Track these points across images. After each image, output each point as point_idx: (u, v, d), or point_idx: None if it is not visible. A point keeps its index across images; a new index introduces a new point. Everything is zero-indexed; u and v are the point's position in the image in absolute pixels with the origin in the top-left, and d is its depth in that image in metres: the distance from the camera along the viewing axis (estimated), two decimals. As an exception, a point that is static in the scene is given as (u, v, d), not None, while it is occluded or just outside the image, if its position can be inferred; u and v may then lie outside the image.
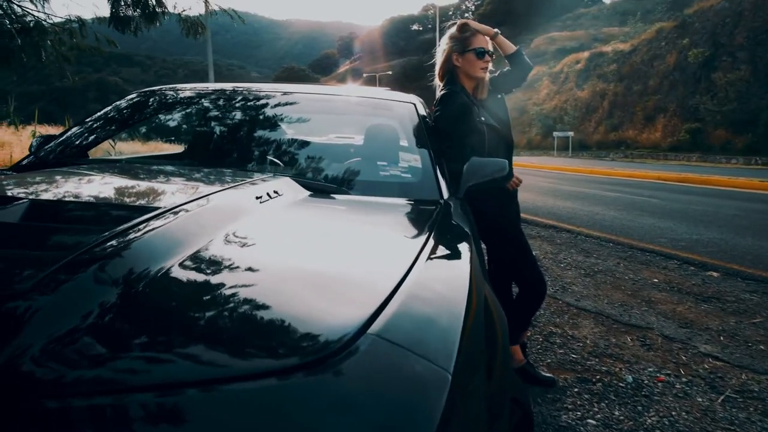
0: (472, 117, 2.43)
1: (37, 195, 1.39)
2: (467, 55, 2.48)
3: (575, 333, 3.52)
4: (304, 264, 1.06)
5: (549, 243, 6.32)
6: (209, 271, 0.95)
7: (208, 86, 2.59)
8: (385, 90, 2.98)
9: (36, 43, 6.16)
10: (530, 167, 20.96)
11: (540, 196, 10.85)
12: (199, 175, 1.74)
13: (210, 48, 19.89)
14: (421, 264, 1.06)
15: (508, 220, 2.58)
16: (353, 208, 1.64)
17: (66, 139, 2.29)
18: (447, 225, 1.56)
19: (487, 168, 2.12)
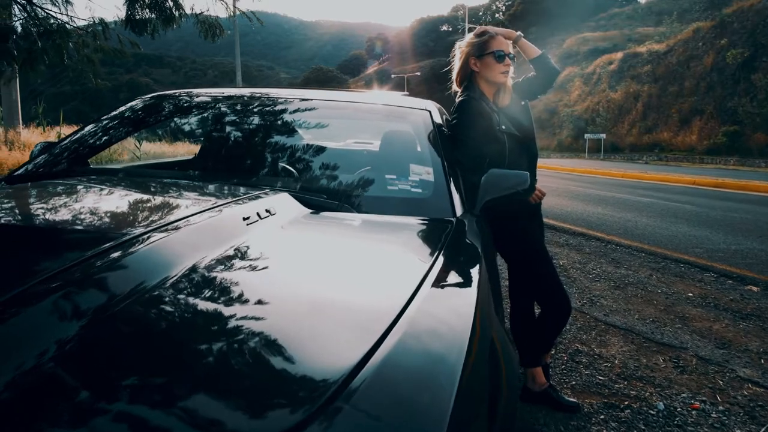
0: (491, 125, 2.27)
1: (7, 214, 1.29)
2: (486, 58, 2.32)
3: (603, 352, 3.32)
4: (286, 298, 0.94)
5: (577, 252, 6.08)
6: (176, 309, 0.84)
7: (214, 91, 2.49)
8: (402, 95, 2.83)
9: (58, 45, 6.18)
10: (560, 170, 20.56)
11: (569, 200, 10.56)
12: (189, 191, 1.61)
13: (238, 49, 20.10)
14: (420, 299, 0.95)
15: (530, 236, 2.40)
16: (353, 228, 1.50)
17: (66, 146, 2.20)
18: (457, 249, 1.41)
19: (507, 181, 1.95)
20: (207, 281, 0.94)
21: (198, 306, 0.86)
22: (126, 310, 0.80)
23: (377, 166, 2.02)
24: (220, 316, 0.83)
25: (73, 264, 0.88)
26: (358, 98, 2.38)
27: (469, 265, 1.33)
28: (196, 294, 0.89)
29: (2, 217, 1.25)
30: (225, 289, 0.93)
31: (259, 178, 1.95)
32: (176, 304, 0.86)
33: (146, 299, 0.84)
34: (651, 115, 31.77)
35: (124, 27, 6.07)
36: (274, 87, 2.47)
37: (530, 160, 2.43)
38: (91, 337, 0.73)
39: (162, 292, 0.87)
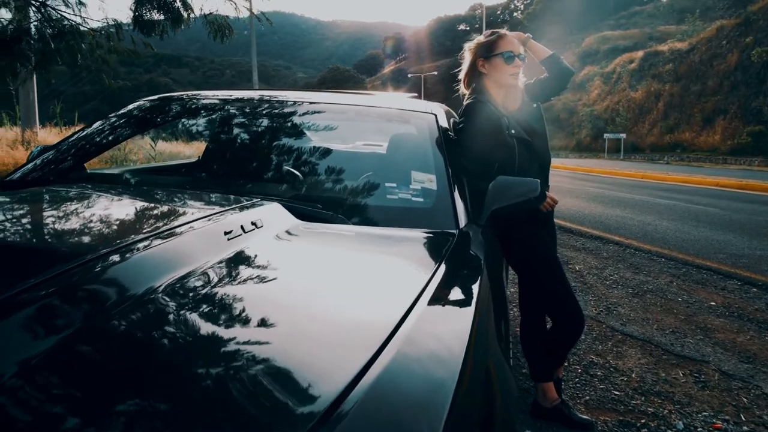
0: (499, 129, 2.15)
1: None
2: (494, 60, 2.20)
3: (619, 364, 3.17)
4: (261, 319, 0.86)
5: (595, 256, 5.91)
6: (144, 331, 0.78)
7: (214, 93, 2.40)
8: (410, 96, 2.72)
9: (71, 47, 6.17)
10: (578, 170, 20.28)
11: (587, 202, 10.34)
12: (174, 202, 1.52)
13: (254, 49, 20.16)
14: (412, 321, 0.88)
15: (541, 246, 2.27)
16: (345, 242, 1.39)
17: (63, 149, 2.14)
18: (456, 264, 1.30)
19: (515, 189, 1.83)
20: (174, 304, 0.86)
21: (156, 335, 0.77)
22: (64, 345, 0.73)
23: (377, 173, 1.91)
24: (182, 342, 0.77)
25: (41, 280, 0.84)
26: (361, 101, 2.27)
27: (468, 282, 1.24)
28: (157, 320, 0.81)
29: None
30: (193, 311, 0.85)
31: (253, 185, 1.86)
32: (132, 331, 0.78)
33: (96, 327, 0.77)
34: (672, 115, 31.26)
35: (133, 28, 6.03)
36: (290, 87, 2.38)
37: (542, 166, 2.31)
38: (47, 359, 0.69)
39: (117, 319, 0.79)
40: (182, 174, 2.44)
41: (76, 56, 6.32)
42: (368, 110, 2.18)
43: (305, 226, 1.42)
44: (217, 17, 5.87)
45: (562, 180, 15.60)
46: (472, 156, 2.06)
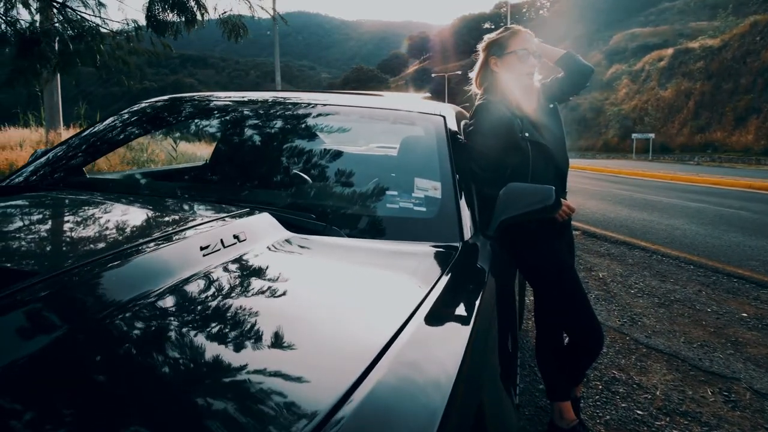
0: (512, 132, 2.01)
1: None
2: (507, 58, 2.07)
3: (643, 380, 3.00)
4: (227, 349, 0.79)
5: (619, 263, 5.70)
6: (85, 361, 0.72)
7: (218, 95, 2.32)
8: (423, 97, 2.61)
9: (91, 48, 6.17)
10: (605, 171, 19.88)
11: (612, 205, 10.07)
12: (157, 213, 1.43)
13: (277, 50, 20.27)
14: (397, 348, 0.81)
15: (557, 258, 2.12)
16: (335, 257, 1.28)
17: (61, 153, 2.07)
18: (457, 281, 1.20)
19: (527, 197, 1.71)
20: (126, 328, 0.80)
21: (116, 362, 0.73)
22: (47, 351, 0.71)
23: (378, 181, 1.79)
24: (130, 375, 0.71)
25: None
26: (367, 102, 2.16)
27: (466, 301, 1.15)
28: (107, 345, 0.76)
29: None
30: (145, 340, 0.79)
31: (251, 192, 1.76)
32: (92, 354, 0.74)
33: (57, 349, 0.73)
34: (704, 114, 30.51)
35: (146, 28, 6.02)
36: (315, 87, 2.28)
37: (559, 172, 2.17)
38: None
39: (65, 344, 0.74)
40: (181, 179, 2.36)
41: (96, 58, 6.33)
42: (373, 112, 2.06)
43: (294, 238, 1.32)
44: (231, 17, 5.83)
45: (587, 182, 15.30)
46: (483, 160, 1.93)
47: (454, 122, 2.05)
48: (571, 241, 2.31)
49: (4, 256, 1.04)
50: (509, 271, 1.97)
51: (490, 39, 2.15)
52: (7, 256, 1.05)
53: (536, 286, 2.22)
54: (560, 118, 2.22)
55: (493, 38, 2.13)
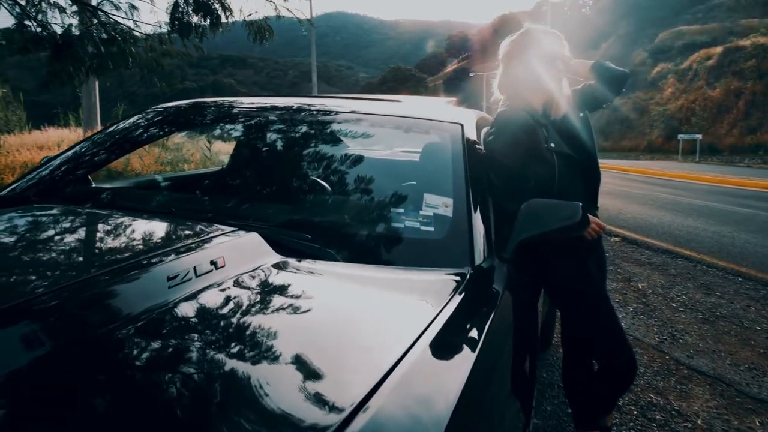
0: (536, 142, 1.84)
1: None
2: (533, 61, 1.89)
3: (683, 407, 2.77)
4: (179, 398, 0.71)
5: (661, 273, 5.40)
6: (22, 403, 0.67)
7: (224, 101, 2.22)
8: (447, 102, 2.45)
9: (123, 50, 6.21)
10: (648, 174, 19.25)
11: (655, 210, 9.65)
12: (136, 233, 1.31)
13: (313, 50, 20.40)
14: (389, 387, 0.75)
15: (586, 279, 1.93)
16: (326, 287, 1.15)
17: (67, 160, 2.00)
18: (462, 312, 1.08)
19: (551, 214, 1.54)
20: (69, 369, 0.73)
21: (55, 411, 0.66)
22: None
23: (384, 195, 1.64)
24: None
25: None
26: (380, 109, 2.01)
27: (468, 334, 1.05)
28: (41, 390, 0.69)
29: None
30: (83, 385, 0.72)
31: (246, 206, 1.64)
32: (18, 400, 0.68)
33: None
34: (755, 114, 29.30)
35: (170, 31, 6.01)
36: (352, 87, 2.16)
37: (588, 185, 1.98)
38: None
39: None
40: (184, 189, 2.26)
41: (128, 60, 6.37)
42: (385, 120, 1.91)
43: (283, 263, 1.19)
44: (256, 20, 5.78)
45: (629, 184, 14.80)
46: (503, 173, 1.76)
47: (473, 130, 1.88)
48: (602, 259, 2.11)
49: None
50: (529, 294, 1.80)
51: (514, 40, 1.97)
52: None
53: (564, 307, 2.04)
54: (591, 128, 2.03)
55: (518, 39, 1.96)
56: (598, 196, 2.05)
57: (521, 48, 1.93)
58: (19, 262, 1.08)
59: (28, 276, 1.02)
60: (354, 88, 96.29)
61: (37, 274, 1.02)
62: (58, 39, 5.48)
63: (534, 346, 1.82)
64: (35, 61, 5.80)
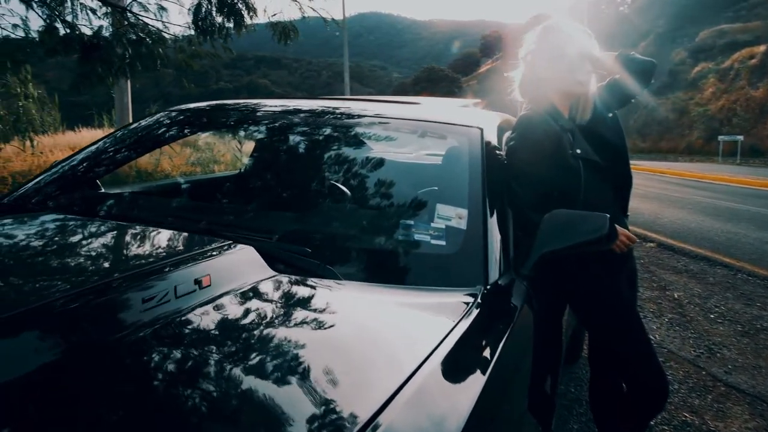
0: (561, 149, 1.72)
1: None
2: (558, 60, 1.77)
3: (720, 427, 2.61)
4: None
5: (698, 281, 5.18)
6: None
7: (236, 103, 2.17)
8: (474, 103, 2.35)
9: (151, 52, 6.26)
10: (687, 176, 18.71)
11: (694, 214, 9.32)
12: (127, 247, 1.26)
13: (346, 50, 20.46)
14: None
15: (616, 296, 1.80)
16: (321, 310, 1.06)
17: (77, 163, 1.97)
18: (470, 336, 1.01)
19: (575, 226, 1.43)
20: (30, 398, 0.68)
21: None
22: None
23: (393, 205, 1.55)
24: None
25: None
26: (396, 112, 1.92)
27: (478, 360, 0.98)
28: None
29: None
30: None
31: (242, 218, 1.56)
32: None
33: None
34: (799, 115, 28.28)
35: (194, 32, 6.02)
36: (385, 87, 2.09)
37: (618, 194, 1.85)
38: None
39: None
40: (190, 196, 2.20)
41: (156, 61, 6.41)
42: (400, 124, 1.82)
43: (276, 282, 1.11)
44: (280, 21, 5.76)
45: (666, 187, 14.38)
46: (524, 180, 1.65)
47: (494, 135, 1.78)
48: (632, 273, 1.97)
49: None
50: (551, 311, 1.69)
51: (537, 37, 1.86)
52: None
53: (590, 325, 1.92)
54: (622, 129, 1.90)
55: (541, 36, 1.84)
56: (628, 204, 1.92)
57: (546, 45, 1.82)
58: (17, 272, 1.04)
59: (12, 289, 0.97)
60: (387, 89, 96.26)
61: (19, 290, 0.96)
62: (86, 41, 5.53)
63: (555, 367, 1.71)
64: (74, 63, 5.89)
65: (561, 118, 1.79)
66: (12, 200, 1.72)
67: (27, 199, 1.70)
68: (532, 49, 1.85)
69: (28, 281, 1.00)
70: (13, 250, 1.16)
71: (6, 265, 1.08)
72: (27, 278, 1.01)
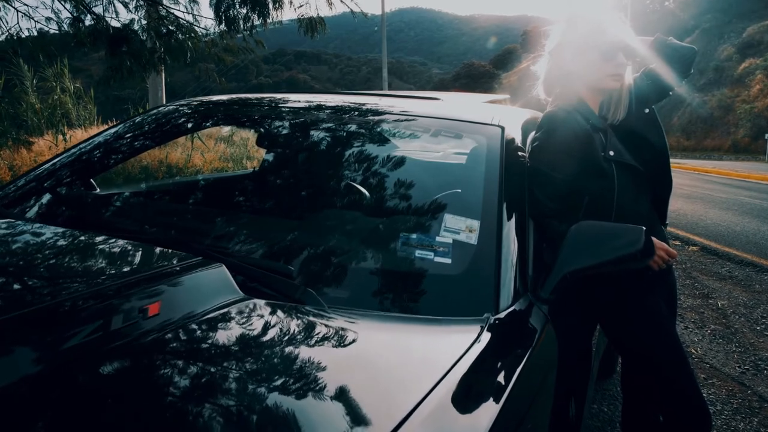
0: (592, 151, 1.54)
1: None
2: (586, 54, 1.59)
3: (768, 455, 2.39)
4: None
5: (743, 289, 4.87)
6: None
7: (238, 97, 2.05)
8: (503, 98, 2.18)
9: (181, 45, 6.23)
10: (733, 176, 17.99)
11: (739, 216, 8.88)
12: (77, 260, 1.12)
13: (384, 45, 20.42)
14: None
15: (650, 319, 1.61)
16: (292, 347, 0.89)
17: (73, 158, 1.86)
18: (475, 381, 0.85)
19: (604, 240, 1.26)
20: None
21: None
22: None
23: (396, 214, 1.39)
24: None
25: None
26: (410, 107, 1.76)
27: (483, 402, 0.83)
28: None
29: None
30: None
31: (225, 229, 1.40)
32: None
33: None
34: None
35: (217, 24, 5.96)
36: (425, 83, 1.95)
37: (657, 200, 1.66)
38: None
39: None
40: (183, 199, 2.05)
41: (186, 55, 6.38)
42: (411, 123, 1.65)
43: (244, 308, 0.95)
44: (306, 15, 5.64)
45: (710, 187, 13.82)
46: (550, 187, 1.47)
47: (518, 134, 1.60)
48: (672, 290, 1.76)
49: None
50: (576, 338, 1.51)
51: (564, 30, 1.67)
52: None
53: (622, 351, 1.73)
54: (661, 126, 1.70)
55: (568, 28, 1.66)
56: (667, 212, 1.73)
57: (574, 36, 1.63)
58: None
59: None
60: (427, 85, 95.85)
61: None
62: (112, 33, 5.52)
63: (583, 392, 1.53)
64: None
65: (592, 116, 1.60)
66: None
67: (10, 200, 1.59)
68: (561, 40, 1.67)
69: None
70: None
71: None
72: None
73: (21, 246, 1.18)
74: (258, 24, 5.76)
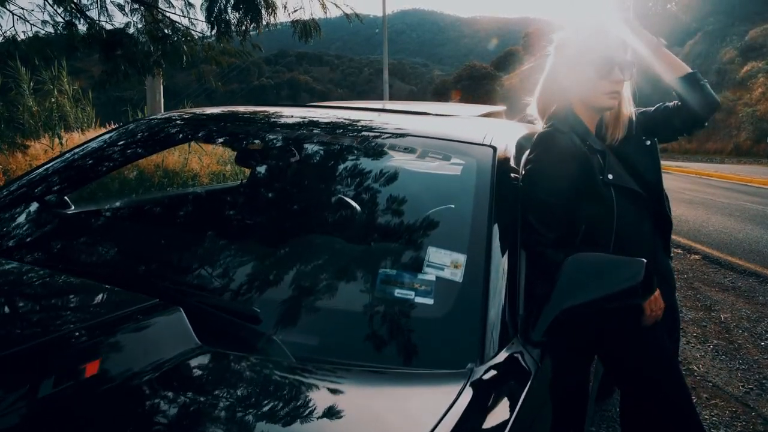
0: (589, 173, 1.45)
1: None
2: (581, 69, 1.50)
3: (773, 483, 2.29)
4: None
5: (746, 301, 4.77)
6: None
7: (212, 111, 1.98)
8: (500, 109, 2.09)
9: (176, 49, 6.15)
10: (734, 180, 17.87)
11: (741, 223, 8.77)
12: (38, 307, 1.02)
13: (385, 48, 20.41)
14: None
15: (651, 353, 1.51)
16: (250, 402, 0.81)
17: (47, 174, 1.77)
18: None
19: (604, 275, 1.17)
20: None
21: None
22: None
23: (374, 245, 1.29)
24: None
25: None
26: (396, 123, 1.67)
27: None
28: None
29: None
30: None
31: (190, 262, 1.31)
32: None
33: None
34: None
35: (209, 29, 5.89)
36: (427, 84, 1.86)
37: (656, 229, 1.57)
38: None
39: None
40: (154, 220, 1.93)
41: (182, 58, 6.31)
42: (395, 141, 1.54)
43: (201, 361, 0.86)
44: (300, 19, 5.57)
45: (712, 192, 13.71)
46: (545, 213, 1.39)
47: (511, 154, 1.51)
48: (675, 322, 1.67)
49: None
50: (574, 381, 1.42)
51: (560, 41, 1.58)
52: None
53: (621, 385, 1.65)
54: (659, 161, 1.60)
55: (563, 40, 1.57)
56: (670, 242, 1.63)
57: (569, 49, 1.54)
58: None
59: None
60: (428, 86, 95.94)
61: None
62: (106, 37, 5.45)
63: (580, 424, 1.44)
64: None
65: (589, 136, 1.51)
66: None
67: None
68: (552, 52, 1.58)
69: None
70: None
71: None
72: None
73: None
74: (251, 28, 5.69)
